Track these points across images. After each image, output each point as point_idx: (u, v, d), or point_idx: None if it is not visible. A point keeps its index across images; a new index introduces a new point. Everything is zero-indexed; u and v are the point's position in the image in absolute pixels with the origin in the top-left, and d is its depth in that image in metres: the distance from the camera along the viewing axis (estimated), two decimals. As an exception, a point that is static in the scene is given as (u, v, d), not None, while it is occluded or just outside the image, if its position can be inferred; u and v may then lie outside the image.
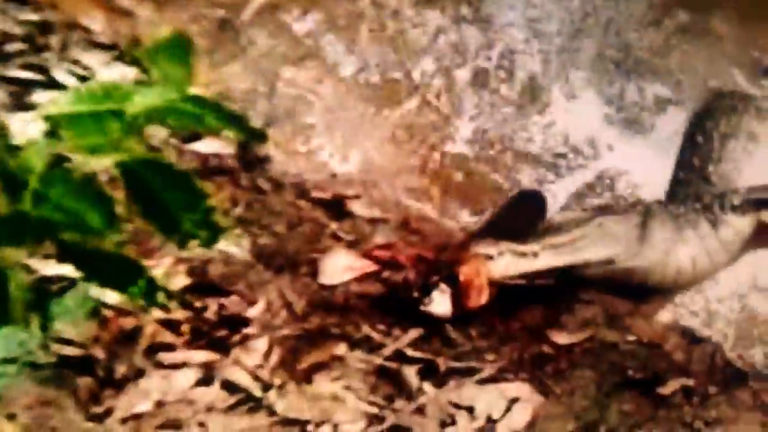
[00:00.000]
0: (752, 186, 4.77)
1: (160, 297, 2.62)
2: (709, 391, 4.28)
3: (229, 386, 3.86)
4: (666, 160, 5.07)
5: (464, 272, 4.26)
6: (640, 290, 4.68)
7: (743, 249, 4.78)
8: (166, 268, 4.17)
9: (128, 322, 4.05)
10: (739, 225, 4.70)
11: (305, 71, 5.48)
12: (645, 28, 5.66)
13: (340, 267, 4.50)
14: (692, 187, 4.85)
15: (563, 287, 4.59)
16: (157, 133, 4.35)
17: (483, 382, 4.13)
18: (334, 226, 4.77)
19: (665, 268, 4.63)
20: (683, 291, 4.77)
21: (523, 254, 4.34)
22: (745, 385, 4.37)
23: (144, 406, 3.80)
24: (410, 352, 4.18)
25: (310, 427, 3.77)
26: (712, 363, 4.47)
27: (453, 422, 3.92)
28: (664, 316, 4.71)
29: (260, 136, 3.04)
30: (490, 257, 4.30)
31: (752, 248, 4.81)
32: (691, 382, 4.31)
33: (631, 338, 4.51)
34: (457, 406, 4.00)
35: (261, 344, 4.02)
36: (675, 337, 4.61)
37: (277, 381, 3.90)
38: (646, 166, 5.21)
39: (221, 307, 4.17)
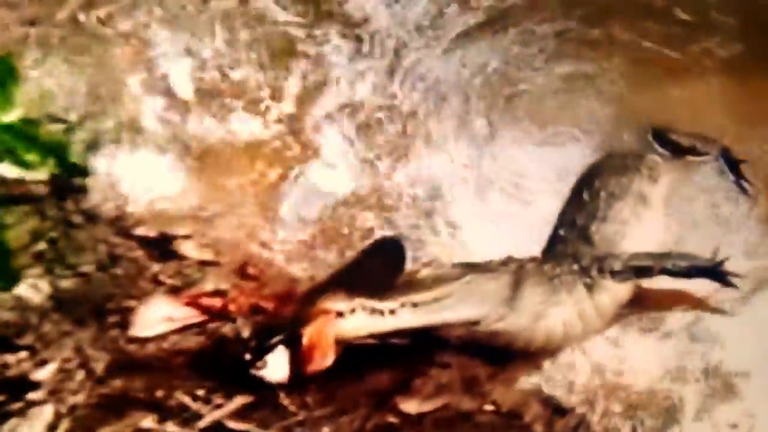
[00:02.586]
0: (634, 252, 4.50)
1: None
2: (570, 473, 3.87)
3: (-1, 467, 3.21)
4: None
5: (309, 334, 3.74)
6: (503, 354, 4.27)
7: (618, 315, 4.47)
8: (-62, 314, 3.51)
9: None
10: (617, 291, 4.42)
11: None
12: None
13: (158, 317, 3.93)
14: (571, 246, 4.57)
15: (418, 347, 4.14)
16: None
17: (318, 458, 3.59)
18: (156, 268, 4.19)
19: (534, 332, 4.27)
20: (550, 356, 4.39)
21: (379, 312, 3.85)
22: (611, 463, 4.02)
23: None
24: (232, 424, 3.61)
25: None
26: (576, 437, 4.08)
27: None
28: (526, 382, 4.33)
29: (82, 172, 2.57)
30: (340, 314, 3.78)
31: (628, 313, 4.49)
32: (550, 461, 3.89)
33: (489, 408, 4.08)
34: (284, 490, 3.45)
35: (47, 413, 3.37)
36: (537, 406, 4.21)
37: (61, 460, 3.27)
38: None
39: (4, 366, 3.50)
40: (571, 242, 4.60)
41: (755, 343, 4.42)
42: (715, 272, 4.44)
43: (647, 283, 4.49)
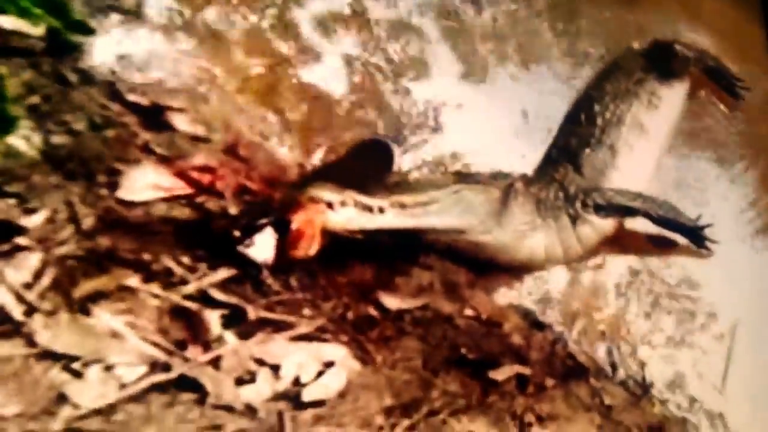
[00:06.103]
0: (620, 190, 4.48)
1: None
2: (546, 384, 3.86)
3: (-16, 305, 3.12)
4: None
5: (298, 220, 3.65)
6: (487, 265, 4.27)
7: (602, 249, 4.49)
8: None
9: None
10: (599, 226, 4.41)
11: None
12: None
13: (146, 183, 3.83)
14: (560, 172, 4.54)
15: (404, 247, 4.11)
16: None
17: (296, 339, 3.54)
18: (147, 136, 4.07)
19: (517, 251, 4.27)
20: (531, 273, 4.43)
21: (369, 208, 3.76)
22: (585, 382, 4.00)
23: None
24: (216, 294, 3.54)
25: (76, 365, 3.08)
26: (553, 352, 4.08)
27: (252, 380, 3.31)
28: (506, 294, 4.33)
29: (84, 29, 2.47)
30: (329, 205, 3.69)
31: (614, 252, 4.53)
32: (527, 371, 3.88)
33: (469, 312, 4.05)
34: (261, 363, 3.39)
35: (33, 260, 3.29)
36: (516, 318, 4.19)
37: (45, 306, 3.18)
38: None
39: (-8, 209, 3.41)
40: (562, 166, 4.57)
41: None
42: (695, 234, 4.45)
43: (631, 224, 4.46)
